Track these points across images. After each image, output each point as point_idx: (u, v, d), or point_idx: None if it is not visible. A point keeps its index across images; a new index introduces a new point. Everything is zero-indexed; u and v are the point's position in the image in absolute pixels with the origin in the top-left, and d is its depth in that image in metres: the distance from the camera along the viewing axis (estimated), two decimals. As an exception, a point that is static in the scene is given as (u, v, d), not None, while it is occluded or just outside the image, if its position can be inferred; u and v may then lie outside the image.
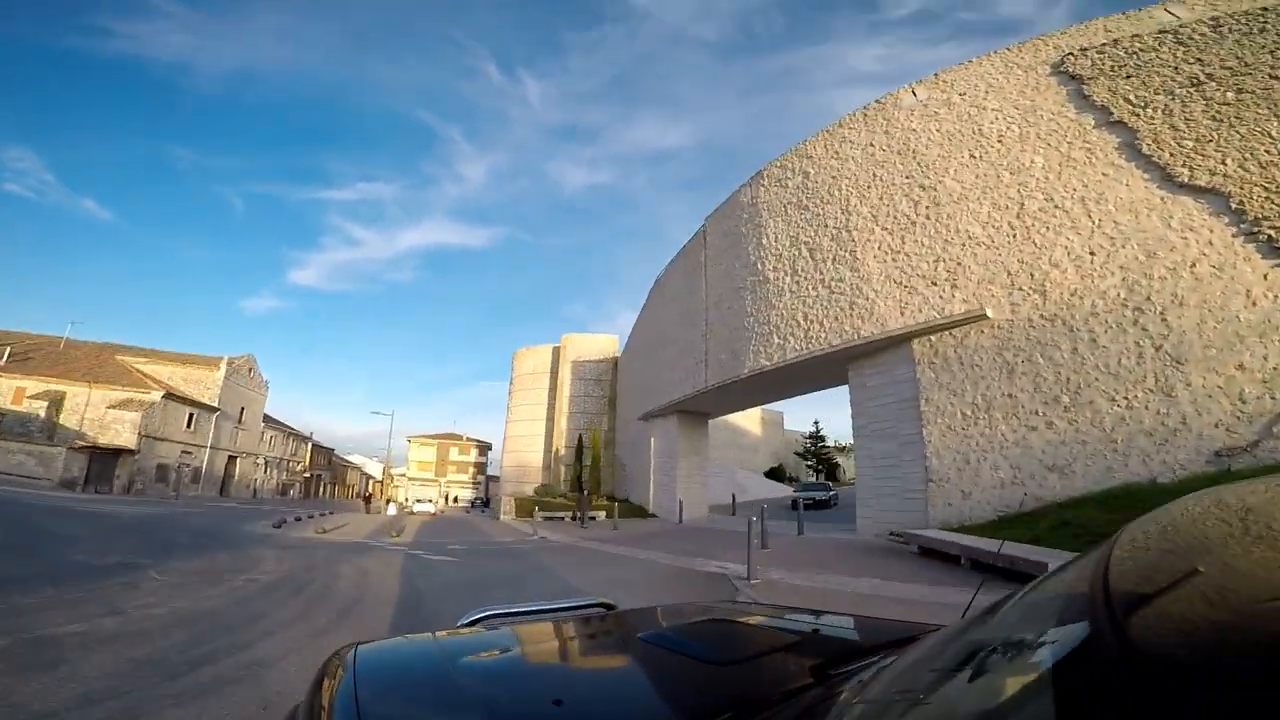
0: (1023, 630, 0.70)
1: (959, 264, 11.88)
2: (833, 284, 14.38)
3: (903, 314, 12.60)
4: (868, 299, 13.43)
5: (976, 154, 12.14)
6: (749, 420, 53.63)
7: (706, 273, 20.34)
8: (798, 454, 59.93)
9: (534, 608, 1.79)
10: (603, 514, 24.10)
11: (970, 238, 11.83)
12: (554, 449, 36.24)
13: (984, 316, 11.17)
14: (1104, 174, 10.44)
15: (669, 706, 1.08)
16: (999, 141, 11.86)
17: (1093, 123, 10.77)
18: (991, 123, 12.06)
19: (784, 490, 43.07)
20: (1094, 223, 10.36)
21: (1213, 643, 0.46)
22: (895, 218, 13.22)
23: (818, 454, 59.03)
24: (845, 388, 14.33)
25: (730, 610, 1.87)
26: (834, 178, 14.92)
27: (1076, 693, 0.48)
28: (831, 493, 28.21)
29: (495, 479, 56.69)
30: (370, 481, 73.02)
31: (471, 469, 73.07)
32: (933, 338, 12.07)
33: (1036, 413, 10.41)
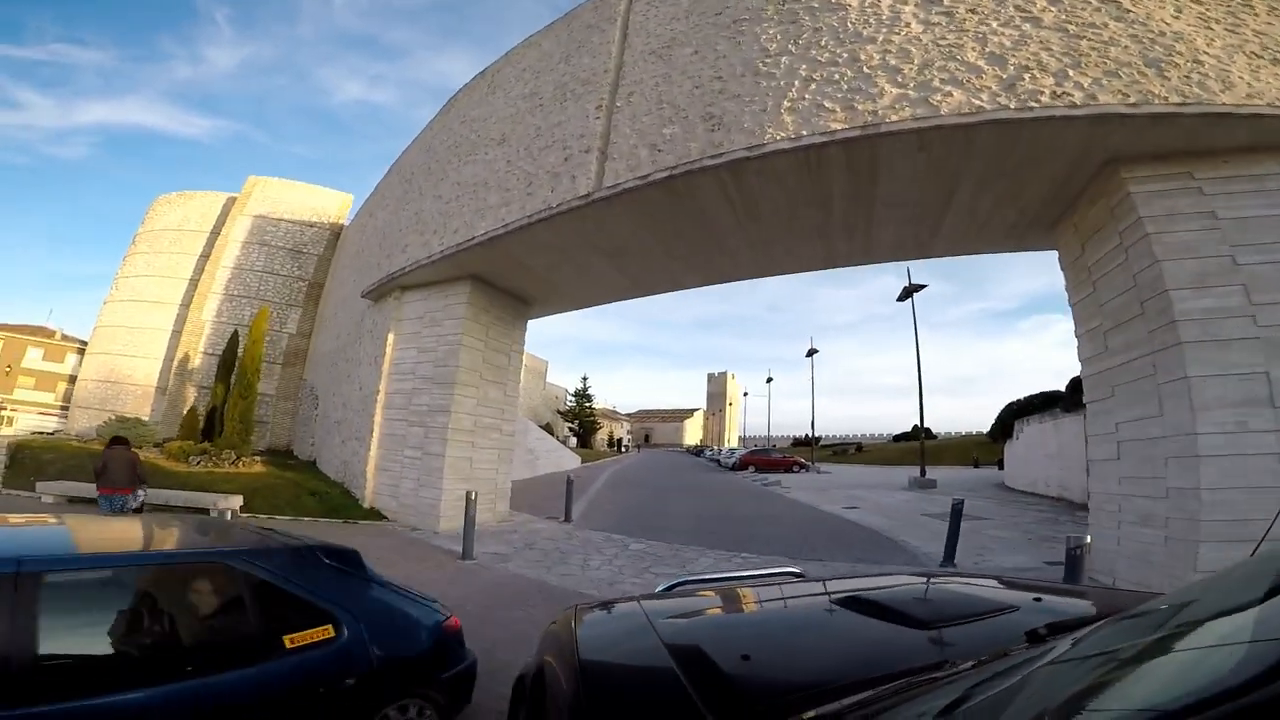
0: (1228, 606, 0.64)
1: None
2: (1075, 26, 6.01)
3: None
4: (1195, 61, 5.53)
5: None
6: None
7: (630, 19, 9.03)
8: (559, 412, 49.95)
9: (727, 575, 1.87)
10: (238, 502, 9.38)
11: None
12: (182, 355, 18.73)
13: None
14: None
15: (852, 663, 1.04)
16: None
17: None
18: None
19: (572, 460, 27.80)
20: None
21: None
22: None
23: (580, 415, 50.64)
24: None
25: (931, 578, 1.84)
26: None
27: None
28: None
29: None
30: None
31: (63, 385, 46.28)
32: None
33: None
